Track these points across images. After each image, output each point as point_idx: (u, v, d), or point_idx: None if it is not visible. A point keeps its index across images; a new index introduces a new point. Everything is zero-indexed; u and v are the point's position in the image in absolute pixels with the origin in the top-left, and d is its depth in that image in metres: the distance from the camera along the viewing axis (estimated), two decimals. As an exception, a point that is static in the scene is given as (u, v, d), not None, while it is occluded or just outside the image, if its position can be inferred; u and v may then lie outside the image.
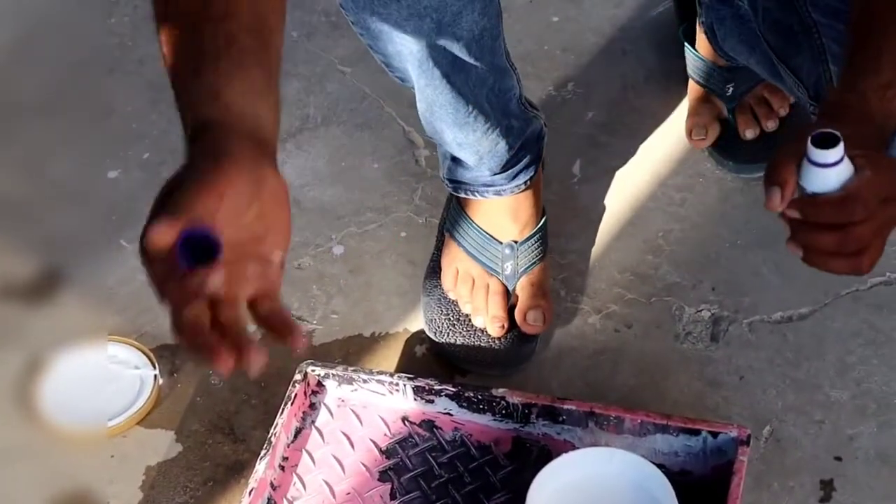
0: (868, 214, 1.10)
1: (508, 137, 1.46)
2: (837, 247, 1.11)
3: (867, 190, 1.10)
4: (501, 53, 1.42)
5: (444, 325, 1.54)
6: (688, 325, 1.56)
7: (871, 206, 1.10)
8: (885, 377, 1.49)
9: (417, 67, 1.36)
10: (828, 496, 1.41)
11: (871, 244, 1.11)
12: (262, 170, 1.05)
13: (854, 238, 1.10)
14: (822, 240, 1.11)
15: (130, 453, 1.50)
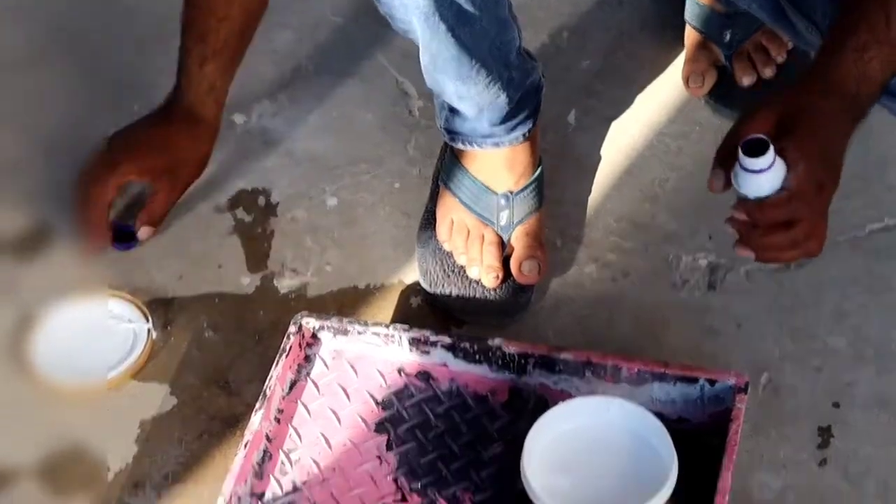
0: (809, 209, 1.18)
1: (509, 90, 1.46)
2: (788, 243, 1.18)
3: (806, 184, 1.16)
4: (505, 5, 1.42)
5: (439, 276, 1.54)
6: (685, 273, 1.57)
7: (809, 200, 1.17)
8: (883, 323, 1.50)
9: (423, 21, 1.35)
10: (826, 443, 1.42)
11: (817, 227, 1.19)
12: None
13: (801, 232, 1.18)
14: (772, 239, 1.18)
15: (125, 407, 1.51)
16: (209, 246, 1.65)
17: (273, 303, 1.58)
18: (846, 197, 1.58)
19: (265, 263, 1.62)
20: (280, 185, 1.70)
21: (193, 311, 1.58)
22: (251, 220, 1.67)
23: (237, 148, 1.74)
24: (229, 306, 1.58)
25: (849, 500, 1.38)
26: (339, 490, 1.35)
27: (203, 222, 1.67)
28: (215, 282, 1.61)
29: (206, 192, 1.69)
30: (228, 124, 1.76)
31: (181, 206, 1.68)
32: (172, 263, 1.63)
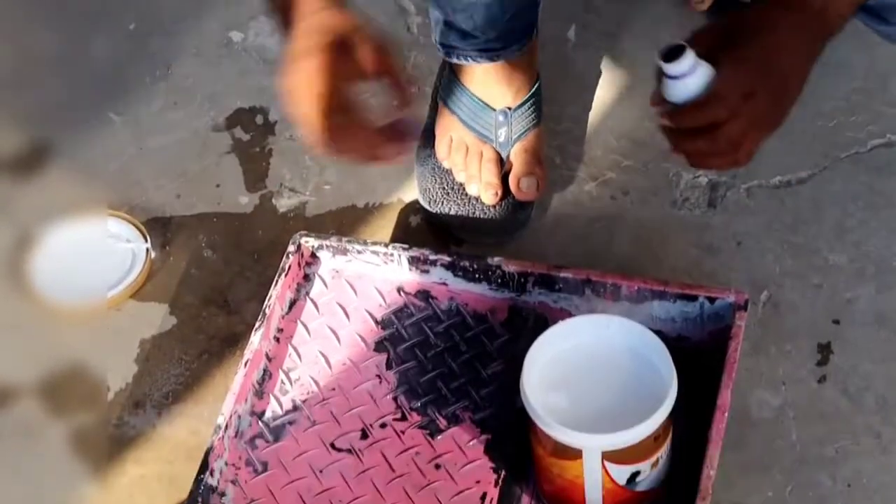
0: (731, 113, 1.17)
1: (504, 2, 1.44)
2: (711, 148, 1.19)
3: (725, 90, 1.16)
4: None
5: (438, 194, 1.53)
6: (685, 191, 1.56)
7: (731, 104, 1.16)
8: (884, 240, 1.50)
9: None
10: (825, 359, 1.42)
11: (746, 138, 1.18)
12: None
13: (724, 138, 1.17)
14: (695, 144, 1.19)
15: (124, 327, 1.51)
16: (207, 165, 1.64)
17: (271, 222, 1.58)
18: (848, 112, 1.59)
19: (263, 182, 1.62)
20: (278, 104, 1.68)
21: (192, 230, 1.58)
22: (249, 139, 1.66)
23: (234, 66, 1.73)
24: (227, 225, 1.58)
25: (848, 416, 1.38)
26: (338, 409, 1.36)
27: (200, 141, 1.66)
28: (213, 201, 1.61)
29: (203, 111, 1.68)
30: (225, 42, 1.75)
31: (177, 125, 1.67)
32: (170, 183, 1.63)
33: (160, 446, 1.42)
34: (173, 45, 1.75)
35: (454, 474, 1.31)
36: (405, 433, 1.34)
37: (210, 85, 1.71)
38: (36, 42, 1.76)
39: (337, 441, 1.34)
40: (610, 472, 1.23)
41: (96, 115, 1.69)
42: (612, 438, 1.20)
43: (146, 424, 1.44)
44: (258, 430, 1.35)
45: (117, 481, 1.40)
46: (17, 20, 1.78)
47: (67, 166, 1.65)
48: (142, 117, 1.69)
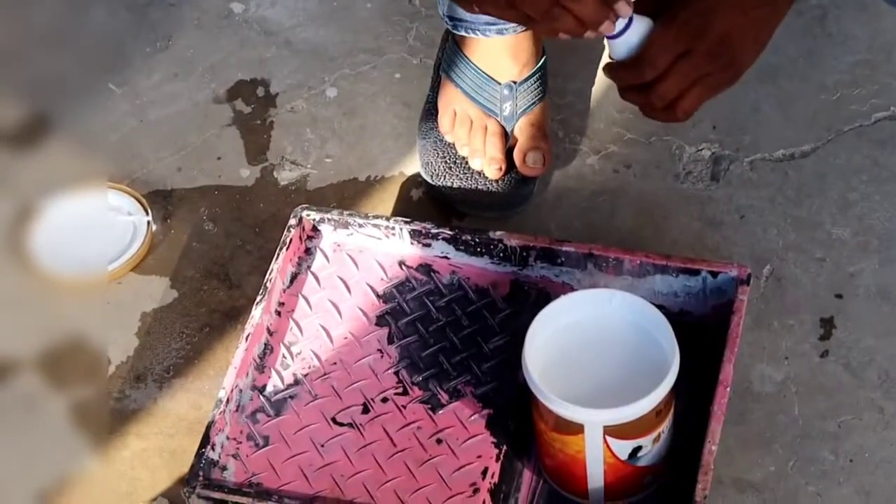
0: (661, 72, 1.18)
1: None
2: (646, 104, 1.21)
3: (654, 50, 1.18)
4: None
5: (440, 168, 1.53)
6: (688, 164, 1.56)
7: (661, 64, 1.18)
8: (888, 213, 1.49)
9: None
10: (828, 334, 1.42)
11: (683, 96, 1.19)
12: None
13: (657, 95, 1.19)
14: (633, 99, 1.21)
15: (126, 300, 1.51)
16: (208, 137, 1.64)
17: (273, 195, 1.58)
18: (852, 85, 1.59)
19: (264, 155, 1.61)
20: (279, 76, 1.68)
21: (193, 203, 1.58)
22: (250, 112, 1.66)
23: (235, 38, 1.72)
24: (229, 198, 1.58)
25: (850, 390, 1.38)
26: (340, 383, 1.36)
27: (201, 113, 1.66)
28: (214, 174, 1.60)
29: (204, 83, 1.68)
30: (226, 13, 1.74)
31: (178, 97, 1.67)
32: (171, 155, 1.62)
33: (161, 420, 1.42)
34: (174, 16, 1.75)
35: (455, 449, 1.31)
36: (406, 408, 1.34)
37: (211, 56, 1.71)
38: (35, 14, 1.75)
39: (338, 415, 1.34)
40: (612, 447, 1.23)
41: (96, 86, 1.69)
42: (614, 413, 1.20)
43: (147, 398, 1.44)
44: (259, 404, 1.35)
45: (118, 455, 1.40)
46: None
47: (68, 138, 1.64)
48: (142, 89, 1.68)
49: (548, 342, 1.25)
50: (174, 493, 1.37)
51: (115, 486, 1.39)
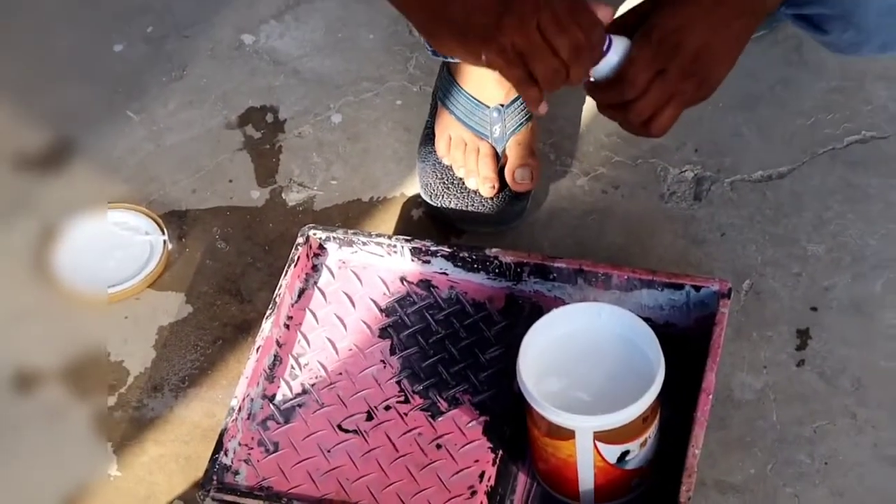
0: (640, 92, 1.16)
1: None
2: (624, 121, 1.19)
3: (633, 71, 1.16)
4: None
5: (439, 189, 1.53)
6: (672, 185, 1.56)
7: (639, 84, 1.16)
8: (860, 231, 1.49)
9: None
10: (804, 344, 1.42)
11: (659, 113, 1.18)
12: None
13: (635, 113, 1.17)
14: (611, 115, 1.19)
15: (143, 315, 1.51)
16: (220, 161, 1.64)
17: (281, 215, 1.58)
18: (826, 110, 1.59)
19: (274, 177, 1.61)
20: (287, 103, 1.68)
21: (206, 223, 1.58)
22: (260, 137, 1.66)
23: (246, 67, 1.72)
24: (240, 218, 1.58)
25: (825, 397, 1.38)
26: (345, 392, 1.36)
27: (214, 138, 1.66)
28: (226, 195, 1.60)
29: (216, 110, 1.68)
30: (238, 44, 1.74)
31: (192, 123, 1.67)
32: (186, 178, 1.62)
33: (177, 427, 1.42)
34: (188, 47, 1.75)
35: (454, 454, 1.31)
36: (408, 415, 1.34)
37: (223, 85, 1.71)
38: (60, 46, 1.75)
39: (344, 422, 1.34)
40: (601, 452, 1.23)
41: (116, 114, 1.69)
42: (604, 420, 1.20)
43: (164, 407, 1.44)
44: (269, 412, 1.35)
45: (137, 460, 1.40)
46: (42, 25, 1.78)
47: (89, 163, 1.65)
48: (159, 116, 1.69)
49: (541, 353, 1.25)
50: (190, 496, 1.37)
51: (134, 489, 1.39)
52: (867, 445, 1.35)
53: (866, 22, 1.20)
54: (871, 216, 1.50)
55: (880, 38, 1.22)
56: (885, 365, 1.40)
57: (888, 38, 1.22)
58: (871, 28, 1.21)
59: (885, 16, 1.19)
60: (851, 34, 1.23)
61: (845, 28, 1.22)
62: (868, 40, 1.23)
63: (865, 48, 1.25)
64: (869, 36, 1.22)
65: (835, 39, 1.25)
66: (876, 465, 1.33)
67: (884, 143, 1.56)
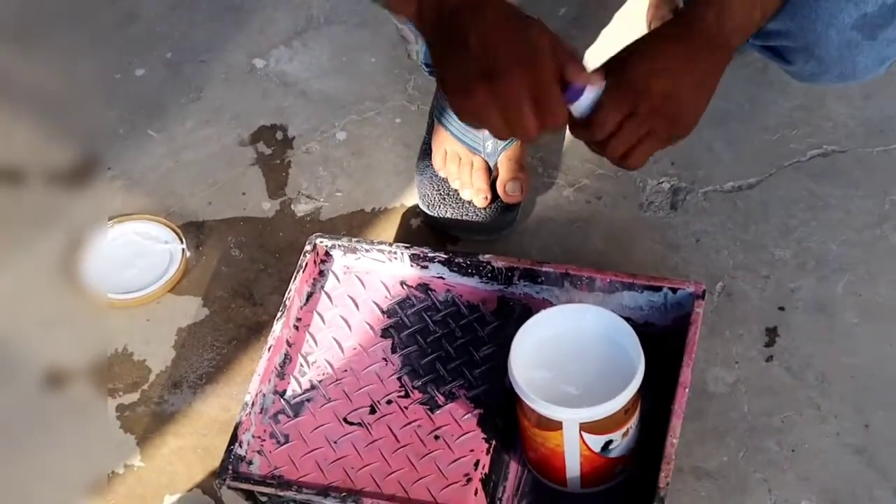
0: (609, 132, 1.15)
1: None
2: (605, 153, 1.18)
3: (602, 114, 1.14)
4: None
5: (435, 199, 1.53)
6: (650, 195, 1.56)
7: (608, 125, 1.15)
8: (823, 237, 1.49)
9: None
10: (772, 341, 1.42)
11: (631, 151, 1.16)
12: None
13: (610, 149, 1.17)
14: (593, 150, 1.19)
15: (163, 317, 1.51)
16: (234, 175, 1.64)
17: (290, 225, 1.58)
18: (791, 126, 1.59)
19: (283, 190, 1.61)
20: (296, 122, 1.68)
21: (221, 232, 1.58)
22: (271, 153, 1.66)
23: (258, 89, 1.72)
24: (252, 228, 1.58)
25: (792, 390, 1.38)
26: (350, 388, 1.35)
27: (228, 154, 1.66)
28: (240, 207, 1.60)
29: (230, 128, 1.68)
30: (250, 68, 1.74)
31: (209, 141, 1.67)
32: (202, 191, 1.62)
33: (195, 421, 1.42)
34: (204, 71, 1.75)
35: (451, 444, 1.30)
36: (408, 408, 1.33)
37: (236, 105, 1.71)
38: (86, 70, 1.75)
39: (349, 416, 1.33)
40: (586, 441, 1.23)
41: (138, 133, 1.69)
42: (589, 412, 1.20)
43: (183, 402, 1.44)
44: (280, 406, 1.34)
45: (158, 452, 1.40)
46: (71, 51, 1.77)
47: (113, 177, 1.64)
48: (177, 134, 1.69)
49: (531, 350, 1.25)
50: (207, 484, 1.37)
51: (156, 479, 1.38)
52: (831, 434, 1.35)
53: (827, 54, 1.21)
54: (832, 224, 1.50)
55: (838, 69, 1.23)
56: (847, 360, 1.40)
57: (845, 69, 1.22)
58: (831, 60, 1.21)
59: (844, 48, 1.20)
60: (813, 65, 1.23)
61: (807, 59, 1.23)
62: (827, 70, 1.23)
63: (825, 77, 1.25)
64: (828, 67, 1.22)
65: (797, 69, 1.26)
66: (838, 453, 1.33)
67: (843, 156, 1.56)
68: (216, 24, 1.79)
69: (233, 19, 1.79)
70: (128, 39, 1.79)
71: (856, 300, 1.44)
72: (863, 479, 1.31)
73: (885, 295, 1.44)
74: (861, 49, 1.20)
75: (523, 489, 1.31)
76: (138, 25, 1.81)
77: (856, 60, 1.21)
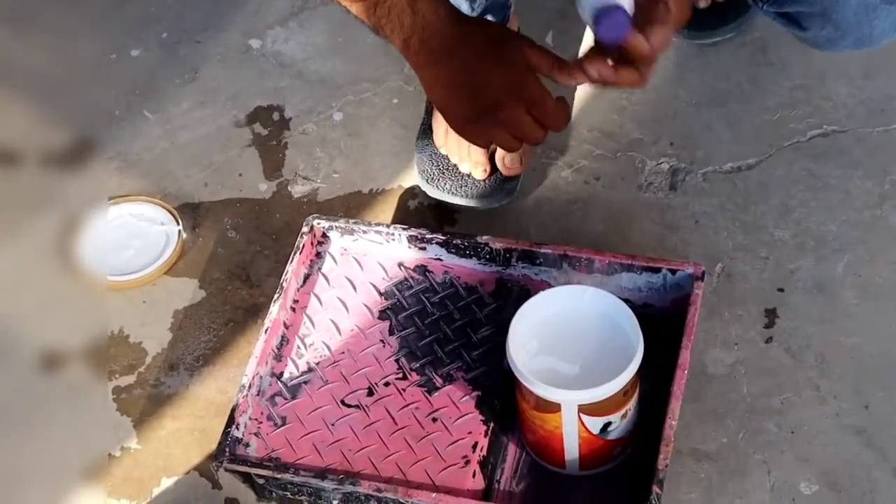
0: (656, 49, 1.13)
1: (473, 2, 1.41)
2: (625, 82, 1.15)
3: (659, 37, 1.12)
4: None
5: (435, 174, 1.52)
6: (649, 176, 1.55)
7: (664, 43, 1.12)
8: (822, 217, 1.49)
9: None
10: (771, 322, 1.41)
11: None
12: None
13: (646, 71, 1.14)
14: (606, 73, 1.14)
15: (160, 299, 1.50)
16: (230, 157, 1.63)
17: (287, 206, 1.57)
18: (790, 107, 1.58)
19: (280, 171, 1.60)
20: (292, 102, 1.67)
21: (218, 214, 1.57)
22: (267, 134, 1.65)
23: (254, 70, 1.71)
24: (249, 210, 1.57)
25: (791, 371, 1.38)
26: (347, 370, 1.35)
27: (224, 136, 1.65)
28: (236, 188, 1.59)
29: (226, 109, 1.67)
30: (245, 48, 1.73)
31: (204, 122, 1.66)
32: (198, 172, 1.61)
33: (192, 403, 1.42)
34: (200, 52, 1.74)
35: (449, 426, 1.30)
36: (406, 391, 1.33)
37: (232, 86, 1.70)
38: (82, 51, 1.74)
39: (346, 398, 1.33)
40: (585, 423, 1.22)
41: (134, 114, 1.68)
42: (587, 394, 1.20)
43: (180, 384, 1.43)
44: (277, 388, 1.34)
45: (155, 434, 1.40)
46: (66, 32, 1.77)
47: (109, 159, 1.64)
48: (173, 115, 1.68)
49: (529, 332, 1.24)
50: (204, 466, 1.37)
51: (153, 461, 1.38)
52: (830, 415, 1.34)
53: (844, 19, 1.19)
54: (831, 204, 1.50)
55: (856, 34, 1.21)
56: (846, 341, 1.39)
57: (863, 34, 1.21)
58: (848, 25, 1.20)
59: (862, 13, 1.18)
60: (829, 30, 1.22)
61: (823, 25, 1.21)
62: (844, 36, 1.22)
63: (841, 43, 1.23)
64: (845, 32, 1.21)
65: (813, 36, 1.24)
66: (838, 434, 1.33)
67: (843, 136, 1.56)
68: (211, 3, 1.78)
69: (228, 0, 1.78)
70: (122, 20, 1.78)
71: (855, 280, 1.43)
72: (862, 459, 1.31)
73: (885, 275, 1.44)
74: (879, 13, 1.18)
75: (521, 471, 1.30)
76: (133, 6, 1.79)
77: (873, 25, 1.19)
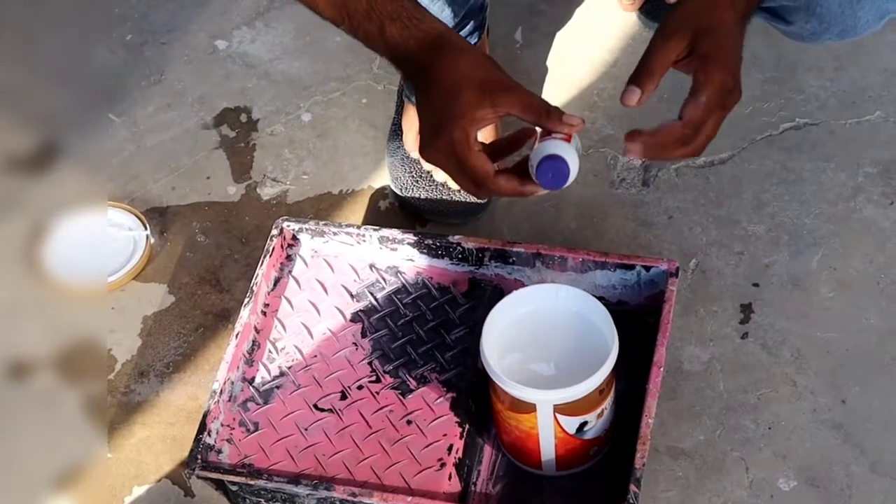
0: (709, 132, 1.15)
1: (453, 6, 1.42)
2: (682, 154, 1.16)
3: (709, 122, 1.13)
4: None
5: (408, 182, 1.52)
6: (622, 172, 1.55)
7: (713, 129, 1.14)
8: (796, 211, 1.49)
9: None
10: (747, 318, 1.42)
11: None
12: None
13: (698, 146, 1.15)
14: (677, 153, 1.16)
15: (128, 305, 1.49)
16: (198, 159, 1.62)
17: (257, 209, 1.56)
18: (762, 100, 1.59)
19: (248, 174, 1.60)
20: (260, 104, 1.67)
21: (186, 218, 1.56)
22: (235, 136, 1.64)
23: (220, 71, 1.70)
24: (218, 213, 1.56)
25: (767, 367, 1.38)
26: (320, 374, 1.34)
27: (192, 138, 1.64)
28: (205, 191, 1.59)
29: (193, 112, 1.66)
30: (212, 49, 1.73)
31: (171, 124, 1.65)
32: (166, 176, 1.61)
33: (163, 410, 1.41)
34: (166, 53, 1.73)
35: (424, 429, 1.30)
36: (380, 393, 1.33)
37: (199, 88, 1.69)
38: (43, 52, 1.73)
39: (319, 402, 1.32)
40: (561, 423, 1.22)
41: (98, 117, 1.67)
42: (562, 393, 1.20)
43: (150, 391, 1.42)
44: (249, 394, 1.33)
45: (126, 442, 1.39)
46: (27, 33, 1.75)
47: (74, 164, 1.62)
48: (139, 118, 1.67)
49: (503, 332, 1.24)
50: (176, 474, 1.36)
51: (123, 469, 1.37)
52: (807, 411, 1.35)
53: (829, 11, 1.20)
54: (805, 197, 1.50)
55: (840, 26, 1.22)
56: (822, 336, 1.40)
57: (847, 26, 1.22)
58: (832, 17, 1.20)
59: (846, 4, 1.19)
60: (814, 23, 1.22)
61: (808, 18, 1.22)
62: (828, 28, 1.22)
63: (825, 36, 1.24)
64: (830, 24, 1.22)
65: (797, 29, 1.25)
66: (815, 429, 1.34)
67: (815, 129, 1.56)
68: (176, 4, 1.77)
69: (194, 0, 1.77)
70: (87, 20, 1.76)
71: (830, 274, 1.44)
72: (840, 454, 1.32)
73: (860, 268, 1.44)
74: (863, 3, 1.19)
75: (498, 473, 1.30)
76: (96, 7, 1.78)
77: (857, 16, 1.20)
